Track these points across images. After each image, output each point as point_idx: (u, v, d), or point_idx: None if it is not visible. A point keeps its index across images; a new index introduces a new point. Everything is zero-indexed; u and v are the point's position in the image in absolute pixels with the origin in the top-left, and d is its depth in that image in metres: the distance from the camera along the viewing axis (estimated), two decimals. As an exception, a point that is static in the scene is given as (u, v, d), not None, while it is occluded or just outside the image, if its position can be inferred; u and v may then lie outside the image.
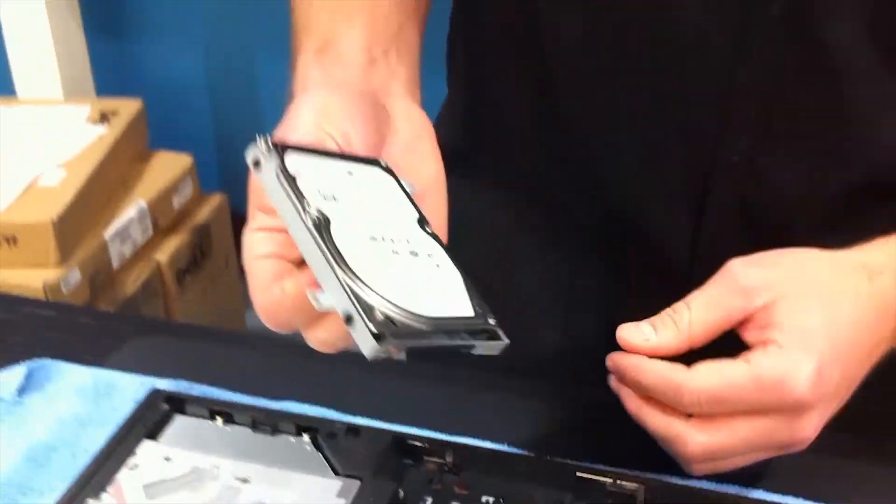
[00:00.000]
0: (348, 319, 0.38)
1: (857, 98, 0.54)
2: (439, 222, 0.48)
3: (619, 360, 0.49)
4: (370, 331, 0.37)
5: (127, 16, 1.91)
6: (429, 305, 0.40)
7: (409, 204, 0.46)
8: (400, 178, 0.46)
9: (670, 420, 0.48)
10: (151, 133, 1.62)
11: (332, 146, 0.45)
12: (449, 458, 0.51)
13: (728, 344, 0.50)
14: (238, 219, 1.72)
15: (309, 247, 0.40)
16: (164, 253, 1.51)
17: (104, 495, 0.49)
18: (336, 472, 0.50)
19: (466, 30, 0.69)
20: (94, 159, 1.44)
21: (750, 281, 0.48)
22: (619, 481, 0.49)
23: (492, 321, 0.42)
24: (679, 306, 0.49)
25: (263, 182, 0.41)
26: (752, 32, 0.54)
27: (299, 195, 0.40)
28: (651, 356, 0.48)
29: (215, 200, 1.64)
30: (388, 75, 0.53)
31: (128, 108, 1.58)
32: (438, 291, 0.42)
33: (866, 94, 0.54)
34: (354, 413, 0.56)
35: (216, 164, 1.91)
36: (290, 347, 0.65)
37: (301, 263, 0.42)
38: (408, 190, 0.46)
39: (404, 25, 0.56)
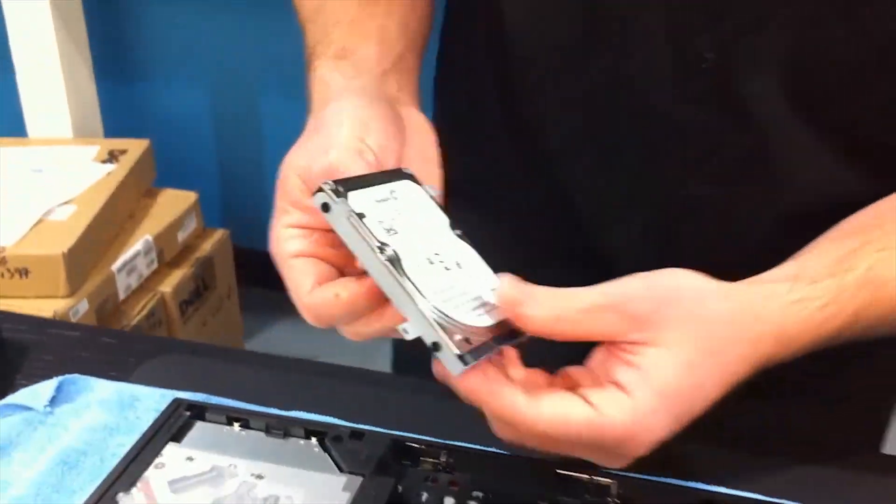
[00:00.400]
0: (435, 346, 0.45)
1: (775, 145, 0.60)
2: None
3: (481, 386, 0.48)
4: (456, 355, 0.44)
5: (135, 60, 1.97)
6: (483, 317, 0.47)
7: (439, 210, 0.52)
8: (422, 184, 0.52)
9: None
10: (158, 171, 1.68)
11: (369, 158, 0.50)
12: (443, 459, 0.55)
13: None
14: (239, 252, 1.78)
15: (390, 284, 0.46)
16: (169, 285, 1.57)
17: (133, 490, 0.54)
18: (341, 470, 0.55)
19: (449, 72, 0.75)
20: (102, 195, 1.50)
21: (638, 310, 0.48)
22: (594, 477, 0.53)
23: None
24: (565, 293, 0.48)
25: (334, 224, 0.47)
26: (687, 83, 0.60)
27: (370, 235, 0.46)
28: (520, 316, 0.47)
29: (218, 235, 1.70)
30: (397, 86, 0.59)
31: (135, 147, 1.64)
32: (485, 300, 0.48)
33: (783, 141, 0.60)
34: (357, 422, 0.61)
35: (219, 201, 1.96)
36: (299, 365, 0.71)
37: (341, 264, 0.49)
38: (432, 194, 0.52)
39: (407, 49, 0.62)
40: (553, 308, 0.47)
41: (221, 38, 1.86)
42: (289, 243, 0.50)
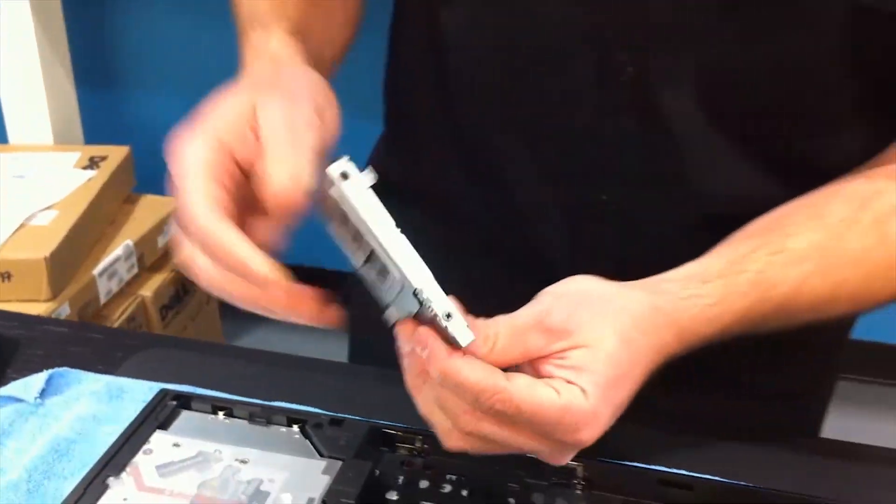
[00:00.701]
0: (448, 316, 0.47)
1: (690, 154, 0.64)
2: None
3: (448, 357, 0.48)
4: (465, 325, 0.47)
5: (115, 68, 1.99)
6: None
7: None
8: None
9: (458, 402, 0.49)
10: (138, 177, 1.70)
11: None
12: (418, 445, 0.58)
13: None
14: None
15: (403, 257, 0.47)
16: (149, 289, 1.59)
17: (123, 475, 0.56)
18: (321, 455, 0.57)
19: (395, 81, 0.79)
20: (83, 201, 1.52)
21: (555, 323, 0.50)
22: (561, 461, 0.57)
23: None
24: (491, 323, 0.50)
25: (349, 194, 0.47)
26: (609, 96, 0.63)
27: (385, 210, 0.47)
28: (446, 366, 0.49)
29: (198, 241, 1.72)
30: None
31: (116, 153, 1.66)
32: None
33: (697, 150, 0.64)
34: (336, 411, 0.64)
35: (199, 208, 1.98)
36: (280, 359, 0.74)
37: None
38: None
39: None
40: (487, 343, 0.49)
41: (201, 47, 1.88)
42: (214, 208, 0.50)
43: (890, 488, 0.59)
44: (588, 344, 0.50)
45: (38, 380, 0.67)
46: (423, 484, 0.56)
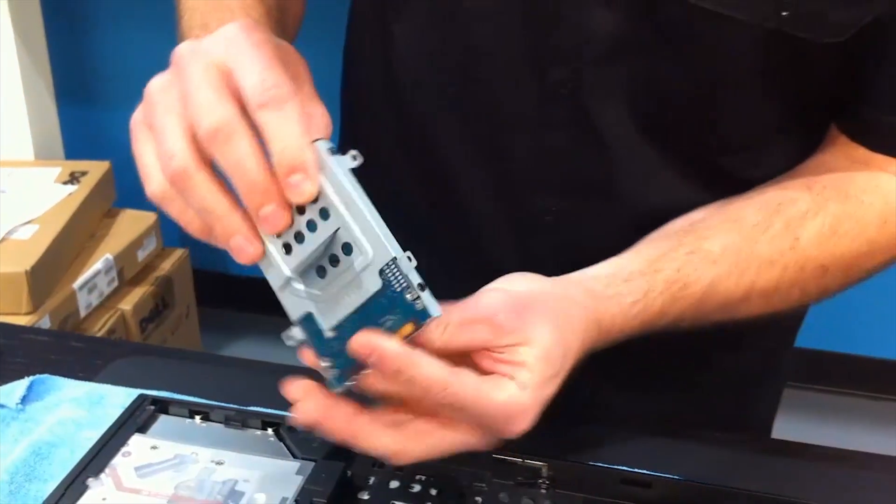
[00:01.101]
0: (421, 287, 0.48)
1: (624, 165, 0.67)
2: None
3: (404, 352, 0.49)
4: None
5: (95, 84, 2.00)
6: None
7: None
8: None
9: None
10: (118, 192, 1.71)
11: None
12: (389, 446, 0.61)
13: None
14: (199, 273, 1.81)
15: (383, 228, 0.48)
16: (129, 303, 1.60)
17: (102, 476, 0.58)
18: (295, 456, 0.60)
19: (351, 93, 0.81)
20: (64, 215, 1.54)
21: (503, 320, 0.52)
22: (526, 461, 0.59)
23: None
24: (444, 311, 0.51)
25: (335, 170, 0.48)
26: (547, 110, 0.66)
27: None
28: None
29: (177, 255, 1.73)
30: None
31: (96, 169, 1.67)
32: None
33: (631, 161, 0.67)
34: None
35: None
36: (256, 365, 0.76)
37: None
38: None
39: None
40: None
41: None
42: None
43: (840, 487, 0.62)
44: (529, 342, 0.52)
45: (19, 386, 0.69)
46: (394, 484, 0.58)
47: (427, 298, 0.48)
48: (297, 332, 0.52)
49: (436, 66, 0.70)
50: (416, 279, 0.48)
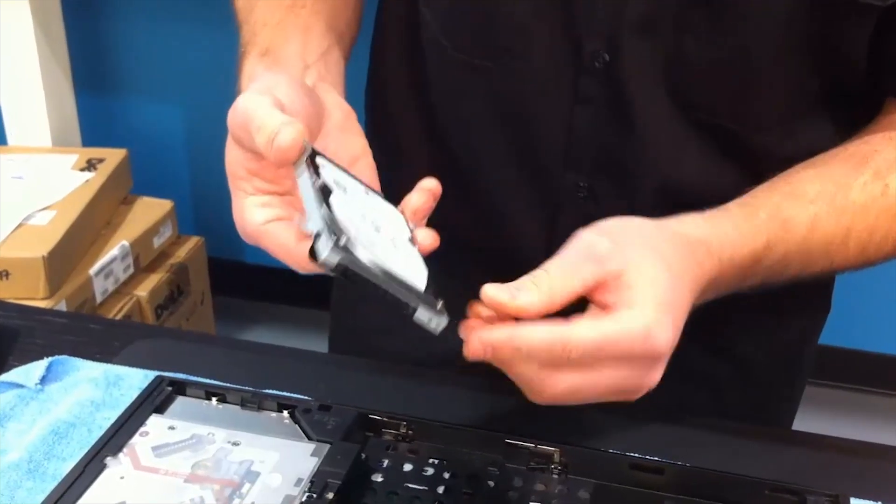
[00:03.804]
0: (317, 236, 0.49)
1: (657, 141, 0.67)
2: (372, 178, 0.59)
3: (492, 332, 0.52)
4: (332, 244, 0.48)
5: (113, 72, 2.01)
6: (392, 266, 0.50)
7: (404, 223, 0.57)
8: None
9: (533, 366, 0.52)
10: (135, 180, 1.72)
11: (276, 97, 0.54)
12: (403, 430, 0.61)
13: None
14: (213, 261, 1.82)
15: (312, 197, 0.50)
16: (144, 289, 1.61)
17: (120, 455, 0.59)
18: (310, 438, 0.60)
19: (377, 85, 0.82)
20: (81, 202, 1.54)
21: (601, 250, 0.54)
22: (539, 446, 0.59)
23: (437, 301, 0.51)
24: (538, 273, 0.53)
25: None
26: (581, 84, 0.67)
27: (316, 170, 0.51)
28: (514, 316, 0.52)
29: (192, 242, 1.74)
30: (318, 76, 0.64)
31: (113, 156, 1.68)
32: (407, 269, 0.52)
33: (664, 137, 0.67)
34: (323, 399, 0.66)
35: (193, 210, 2.00)
36: (271, 349, 0.76)
37: None
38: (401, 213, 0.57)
39: (332, 47, 0.67)
40: (542, 287, 0.52)
41: (197, 52, 1.90)
42: (258, 212, 0.55)
43: (853, 476, 0.62)
44: (636, 263, 0.53)
45: (38, 367, 0.70)
46: (408, 467, 0.59)
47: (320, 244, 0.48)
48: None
49: (466, 39, 0.70)
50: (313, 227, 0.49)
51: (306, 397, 0.65)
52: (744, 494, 0.57)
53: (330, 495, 0.55)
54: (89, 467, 0.57)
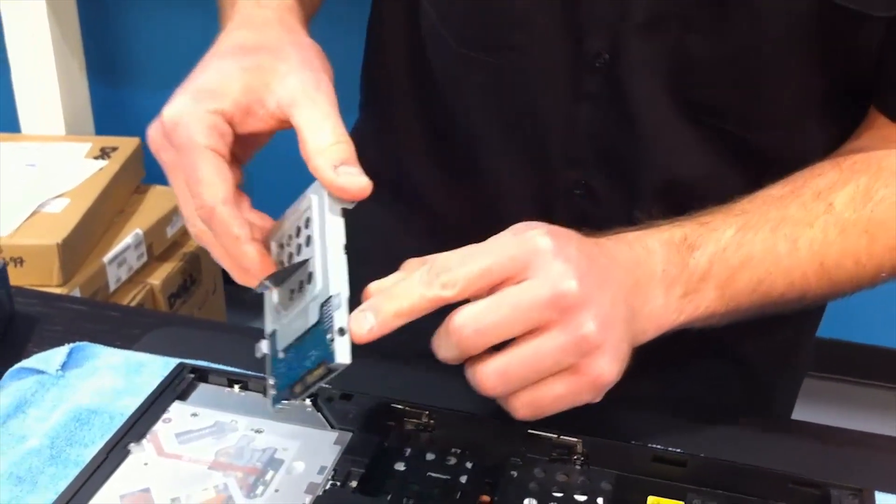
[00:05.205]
0: (340, 331, 0.49)
1: (656, 139, 0.67)
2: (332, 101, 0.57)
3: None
4: (349, 349, 0.49)
5: (126, 62, 2.01)
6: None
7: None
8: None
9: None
10: (147, 169, 1.72)
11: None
12: (424, 420, 0.61)
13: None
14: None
15: (340, 267, 0.50)
16: (158, 278, 1.61)
17: (144, 441, 0.59)
18: (332, 427, 0.60)
19: (373, 68, 0.81)
20: (95, 190, 1.55)
21: (503, 240, 0.53)
22: (561, 437, 0.59)
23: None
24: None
25: (327, 203, 0.52)
26: (581, 82, 0.66)
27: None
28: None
29: (205, 233, 1.75)
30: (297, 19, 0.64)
31: (126, 145, 1.68)
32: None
33: (664, 135, 0.67)
34: (343, 388, 0.66)
35: (206, 200, 2.01)
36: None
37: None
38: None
39: None
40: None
41: (210, 42, 1.90)
42: (208, 132, 0.54)
43: (877, 471, 0.62)
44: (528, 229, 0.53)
45: (59, 353, 0.70)
46: (430, 456, 0.59)
47: (340, 344, 0.49)
48: (262, 345, 0.55)
49: (465, 31, 0.70)
50: (340, 322, 0.49)
51: (327, 385, 0.65)
52: (767, 488, 0.57)
53: (353, 483, 0.55)
54: (113, 453, 0.58)
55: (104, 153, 1.65)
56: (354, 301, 0.51)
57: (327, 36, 0.74)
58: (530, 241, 0.51)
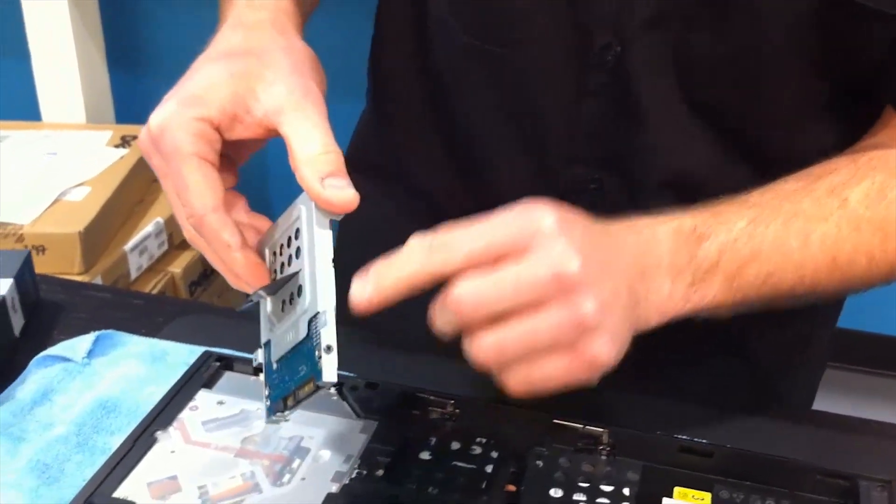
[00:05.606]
0: (328, 349, 0.49)
1: (663, 136, 0.66)
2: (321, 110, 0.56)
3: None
4: (335, 367, 0.49)
5: (146, 51, 2.02)
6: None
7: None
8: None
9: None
10: (168, 157, 1.73)
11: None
12: (450, 409, 0.61)
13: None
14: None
15: (327, 282, 0.50)
16: (178, 266, 1.61)
17: (170, 429, 0.59)
18: (358, 416, 0.60)
19: (379, 59, 0.81)
20: (116, 178, 1.55)
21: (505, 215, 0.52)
22: (586, 427, 0.59)
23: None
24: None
25: (316, 214, 0.52)
26: (589, 77, 0.66)
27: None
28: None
29: (225, 221, 1.75)
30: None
31: (146, 133, 1.69)
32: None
33: (670, 133, 0.66)
34: (368, 377, 0.66)
35: (226, 188, 2.01)
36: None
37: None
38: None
39: None
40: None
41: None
42: (194, 140, 0.54)
43: (887, 460, 0.61)
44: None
45: (85, 341, 0.70)
46: (455, 445, 0.59)
47: (326, 362, 0.48)
48: (259, 355, 0.56)
49: (474, 29, 0.70)
50: (327, 340, 0.49)
51: (352, 374, 0.65)
52: (794, 479, 0.56)
53: (380, 472, 0.55)
54: (140, 441, 0.58)
55: (125, 142, 1.66)
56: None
57: (335, 25, 0.73)
58: (536, 219, 0.50)
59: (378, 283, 0.50)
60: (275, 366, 0.54)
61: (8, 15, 1.81)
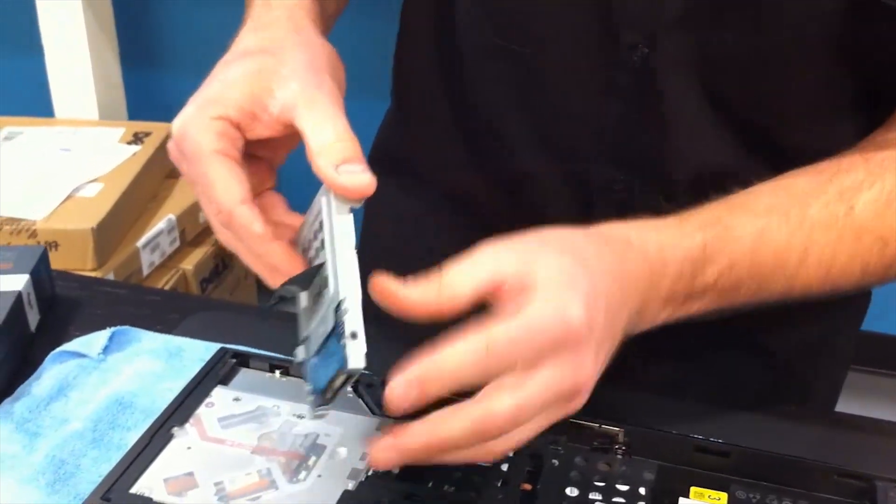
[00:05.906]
0: (353, 335, 0.48)
1: (688, 136, 0.66)
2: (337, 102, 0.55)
3: (412, 365, 0.49)
4: (364, 352, 0.49)
5: (159, 48, 2.02)
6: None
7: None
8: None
9: (467, 405, 0.49)
10: (180, 154, 1.73)
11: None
12: (466, 407, 0.61)
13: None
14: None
15: (350, 269, 0.50)
16: (190, 263, 1.62)
17: (187, 425, 0.59)
18: (374, 413, 0.60)
19: (403, 57, 0.81)
20: (128, 175, 1.56)
21: (504, 254, 0.50)
22: (602, 426, 0.59)
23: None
24: (432, 271, 0.50)
25: (335, 205, 0.52)
26: (613, 77, 0.66)
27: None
28: (402, 308, 0.49)
29: (237, 217, 1.75)
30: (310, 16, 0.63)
31: (160, 130, 1.69)
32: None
33: (696, 133, 0.66)
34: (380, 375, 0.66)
35: (238, 185, 2.01)
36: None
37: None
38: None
39: None
40: (432, 281, 0.49)
41: (242, 29, 1.90)
42: (215, 138, 0.54)
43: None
44: (537, 261, 0.50)
45: (101, 337, 0.70)
46: (471, 444, 0.59)
47: (352, 348, 0.47)
48: (299, 352, 0.54)
49: (500, 29, 0.70)
50: (351, 326, 0.48)
51: (367, 372, 0.65)
52: (811, 480, 0.56)
53: (396, 470, 0.55)
54: (156, 437, 0.58)
55: (137, 138, 1.66)
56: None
57: (359, 23, 0.73)
58: (573, 331, 0.49)
59: (423, 391, 0.49)
60: (313, 360, 0.53)
61: (21, 12, 1.82)
